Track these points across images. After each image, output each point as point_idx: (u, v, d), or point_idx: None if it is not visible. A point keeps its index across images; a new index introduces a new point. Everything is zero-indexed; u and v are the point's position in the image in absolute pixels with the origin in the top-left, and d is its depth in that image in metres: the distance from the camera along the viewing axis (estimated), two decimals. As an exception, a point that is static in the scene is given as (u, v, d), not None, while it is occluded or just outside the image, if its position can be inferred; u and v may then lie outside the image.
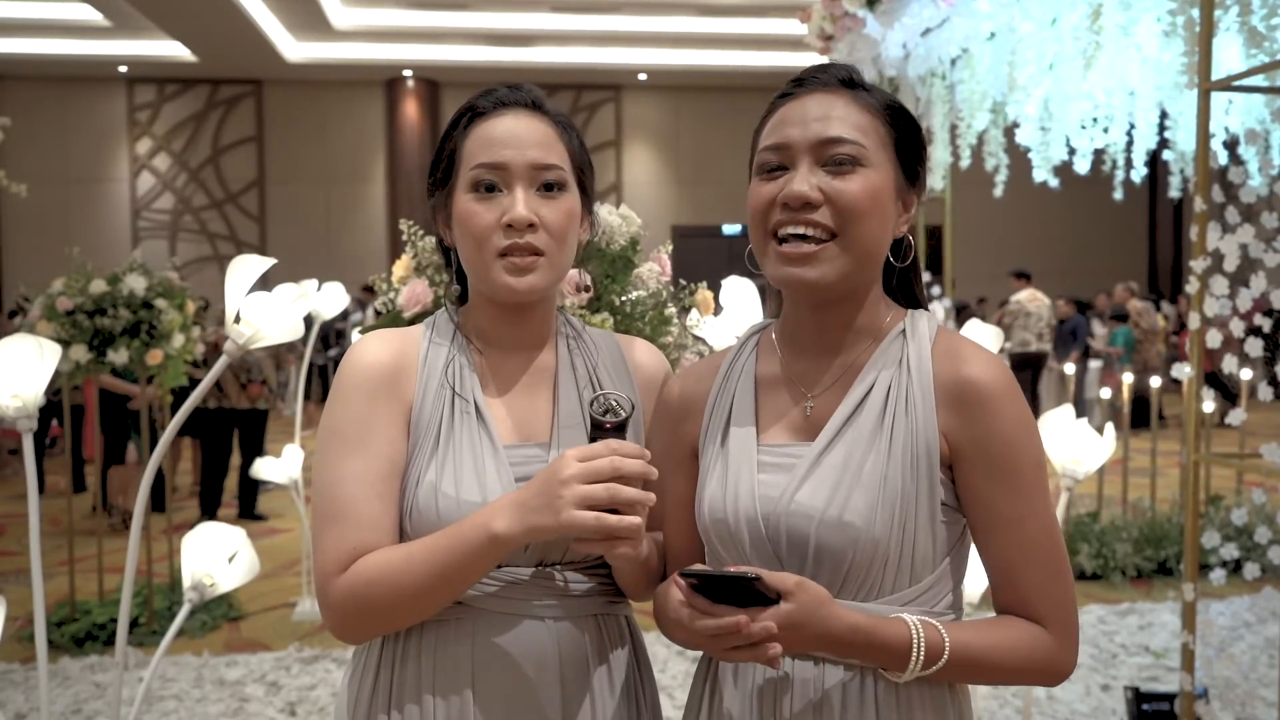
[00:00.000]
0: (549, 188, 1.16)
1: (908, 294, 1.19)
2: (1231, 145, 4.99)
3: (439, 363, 1.19)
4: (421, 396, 1.17)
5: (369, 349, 1.18)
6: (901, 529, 1.03)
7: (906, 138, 1.11)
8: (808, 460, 1.07)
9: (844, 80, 1.10)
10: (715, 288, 2.24)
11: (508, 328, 1.22)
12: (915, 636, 1.01)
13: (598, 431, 1.05)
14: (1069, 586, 1.08)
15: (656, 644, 4.17)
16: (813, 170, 1.06)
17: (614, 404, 1.05)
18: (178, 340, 4.45)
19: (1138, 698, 3.30)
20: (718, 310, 2.33)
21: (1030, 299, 9.52)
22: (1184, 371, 2.63)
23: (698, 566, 1.00)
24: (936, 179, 4.94)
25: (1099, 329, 10.73)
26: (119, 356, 4.27)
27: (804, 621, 0.97)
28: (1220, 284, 2.52)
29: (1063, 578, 1.07)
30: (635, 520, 1.02)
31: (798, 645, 0.99)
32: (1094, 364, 9.80)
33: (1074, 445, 2.49)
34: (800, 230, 1.05)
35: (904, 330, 1.11)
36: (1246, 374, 5.91)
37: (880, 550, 1.03)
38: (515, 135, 1.16)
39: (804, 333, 1.14)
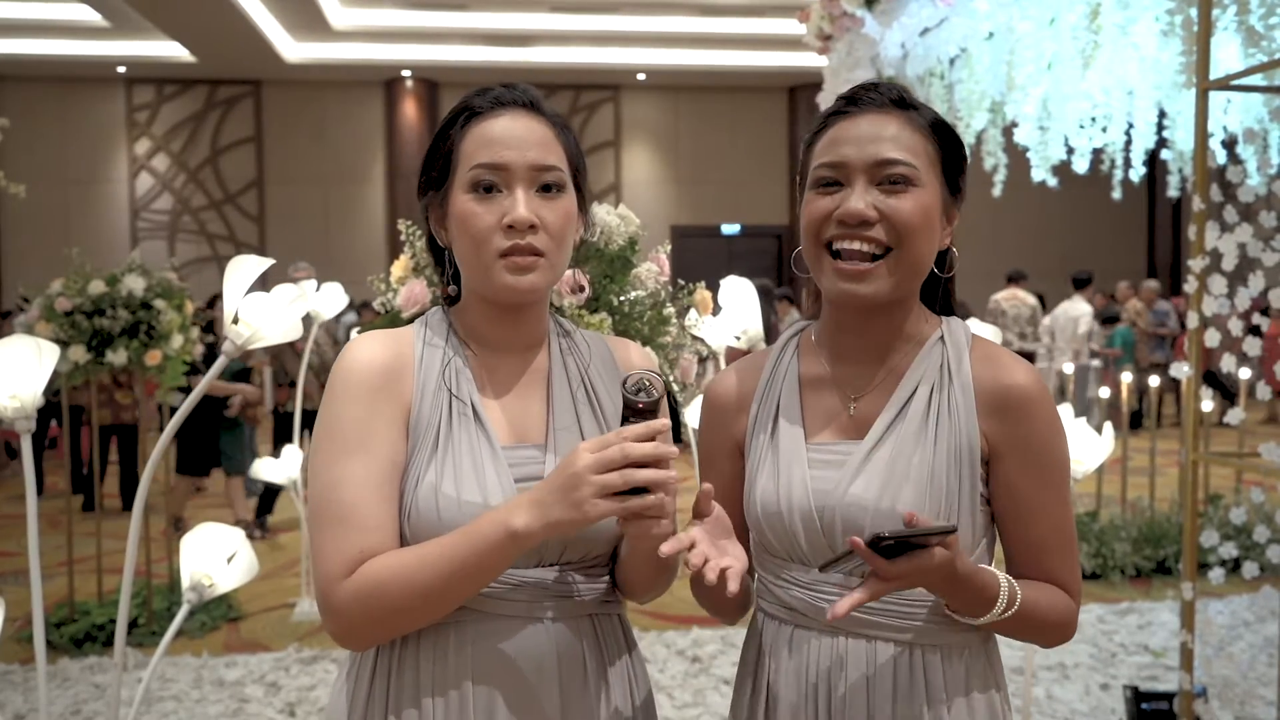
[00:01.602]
0: (548, 189, 1.16)
1: (943, 300, 1.27)
2: (1230, 144, 4.99)
3: (435, 364, 1.18)
4: (419, 397, 1.16)
5: (364, 350, 1.17)
6: (946, 518, 1.13)
7: (951, 155, 1.19)
8: (858, 456, 1.15)
9: (895, 100, 1.17)
10: (714, 288, 2.24)
11: (503, 328, 1.21)
12: (1002, 588, 1.11)
13: (629, 411, 1.05)
14: (1078, 558, 1.22)
15: (656, 643, 4.17)
16: (868, 189, 1.13)
17: (646, 384, 1.05)
18: (177, 341, 4.45)
19: (1137, 697, 3.30)
20: (716, 310, 2.33)
21: (1008, 299, 9.45)
22: (1183, 371, 2.63)
23: (890, 530, 1.03)
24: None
25: (1098, 330, 10.73)
26: (118, 357, 4.27)
27: (947, 566, 1.04)
28: (1219, 283, 2.52)
29: (1076, 553, 1.20)
30: (654, 499, 1.01)
31: (924, 583, 1.06)
32: (1093, 363, 9.81)
33: (1073, 444, 2.49)
34: (856, 245, 1.13)
35: (942, 337, 1.19)
36: (1245, 373, 5.91)
37: None
38: (515, 135, 1.16)
39: (847, 338, 1.21)
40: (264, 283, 2.01)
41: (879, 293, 1.13)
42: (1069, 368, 7.06)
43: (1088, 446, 2.49)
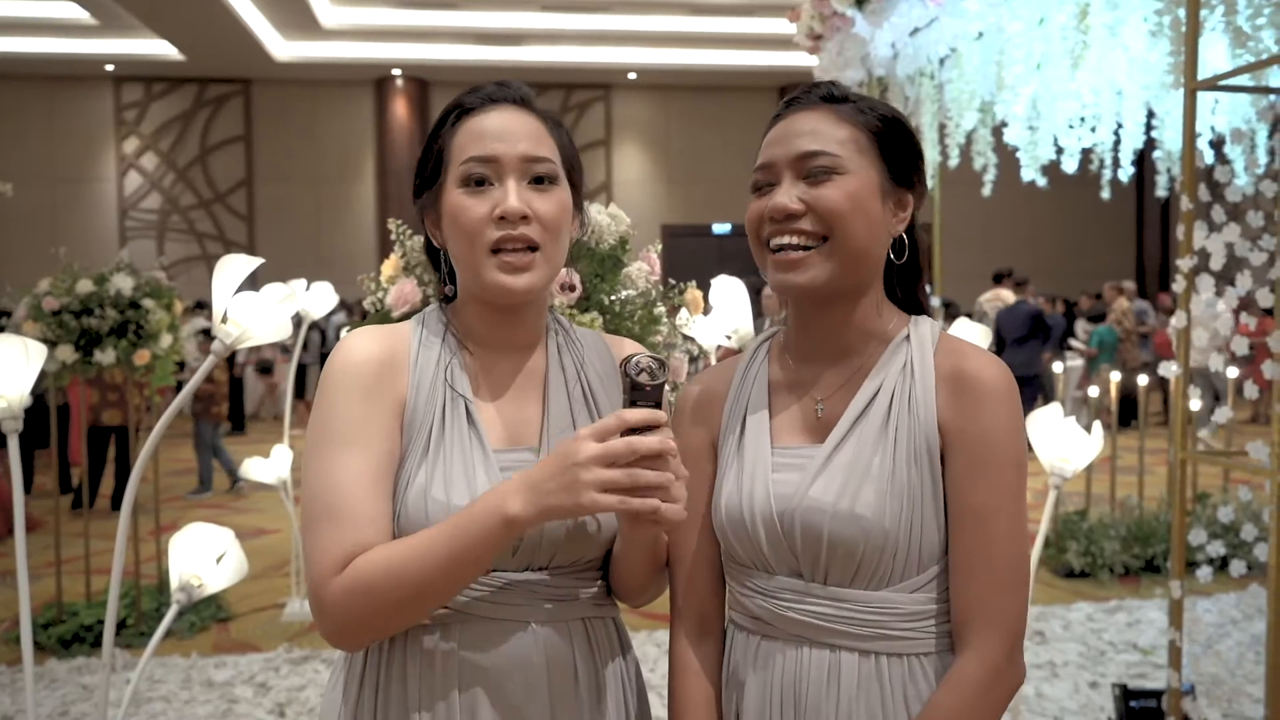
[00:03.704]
0: (540, 180, 1.14)
1: (910, 297, 1.23)
2: (1217, 144, 5.01)
3: (431, 362, 1.16)
4: (414, 395, 1.14)
5: (359, 344, 1.14)
6: (909, 520, 1.09)
7: (891, 141, 1.16)
8: (819, 459, 1.13)
9: (824, 96, 1.17)
10: (705, 287, 2.24)
11: (499, 328, 1.19)
12: None
13: (635, 394, 1.02)
14: (1021, 601, 1.09)
15: (647, 643, 4.17)
16: (794, 183, 1.14)
17: (649, 365, 1.02)
18: (165, 340, 4.43)
19: (1125, 695, 3.31)
20: (707, 309, 2.33)
21: (991, 299, 9.42)
22: (1171, 370, 2.65)
23: None
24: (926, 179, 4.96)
25: (1082, 329, 10.79)
26: (106, 357, 4.25)
27: None
28: (1207, 283, 2.53)
29: (1016, 590, 1.09)
30: (654, 503, 0.99)
31: None
32: (1073, 363, 9.84)
33: (1062, 443, 2.50)
34: (787, 239, 1.13)
35: (908, 335, 1.17)
36: (1233, 372, 5.94)
37: (890, 540, 1.09)
38: (505, 129, 1.14)
39: (810, 338, 1.20)
40: (254, 282, 2.00)
41: (815, 280, 1.12)
42: (1059, 367, 7.03)
43: (1076, 445, 2.50)
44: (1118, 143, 5.23)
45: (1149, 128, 5.18)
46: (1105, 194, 5.50)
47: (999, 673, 1.07)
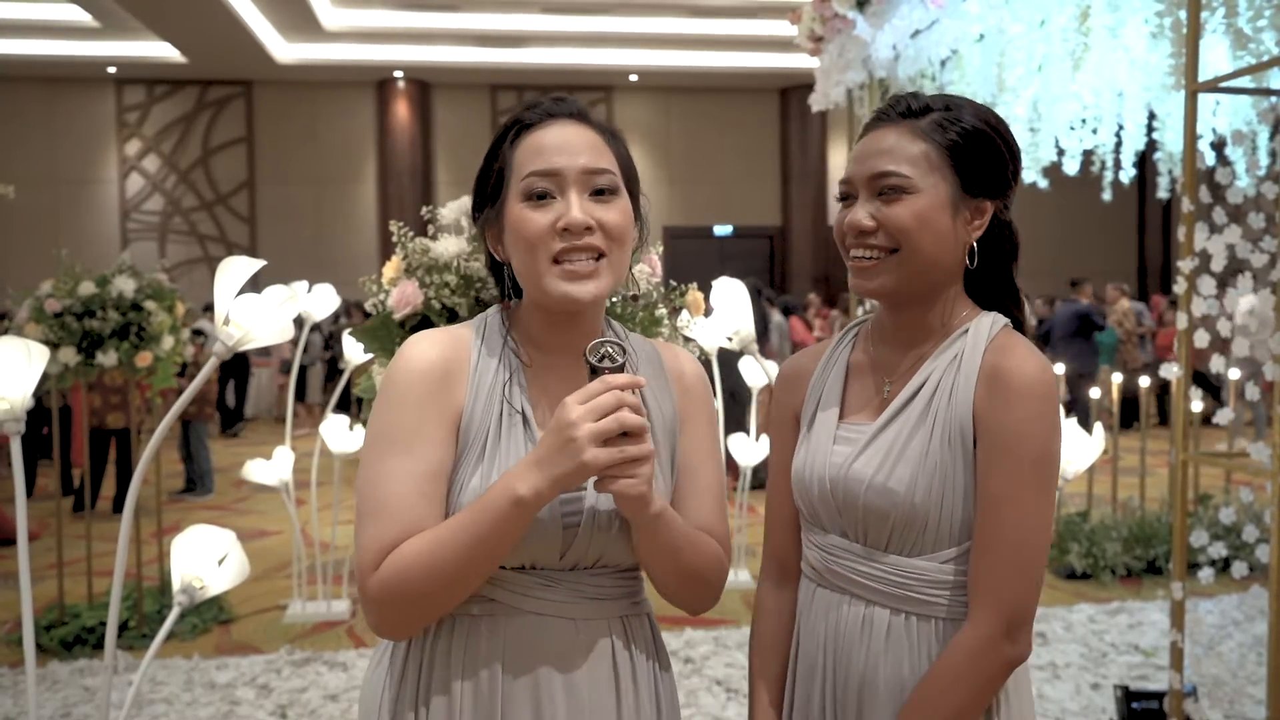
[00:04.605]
0: (601, 192, 1.17)
1: (985, 295, 1.30)
2: (1218, 146, 5.01)
3: (489, 371, 1.19)
4: (472, 404, 1.17)
5: (420, 351, 1.18)
6: (939, 498, 1.19)
7: (967, 152, 1.22)
8: (866, 436, 1.25)
9: (903, 112, 1.25)
10: (706, 288, 2.24)
11: (559, 334, 1.21)
12: None
13: (596, 377, 1.09)
14: (1026, 583, 1.15)
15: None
16: (869, 200, 1.23)
17: (609, 351, 1.09)
18: (167, 342, 4.43)
19: (1127, 696, 3.31)
20: (708, 311, 2.34)
21: None
22: (1173, 371, 2.65)
23: None
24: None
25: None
26: (108, 359, 4.25)
27: None
28: (1208, 284, 2.53)
29: (1021, 572, 1.15)
30: (649, 449, 1.06)
31: None
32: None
33: (1063, 444, 2.50)
34: (861, 252, 1.24)
35: (967, 330, 1.25)
36: (1234, 373, 5.93)
37: (919, 514, 1.19)
38: (566, 142, 1.17)
39: (886, 328, 1.32)
40: (255, 284, 2.01)
41: (884, 287, 1.23)
42: (1060, 368, 7.03)
43: (1078, 446, 2.50)
44: (1119, 144, 5.22)
45: (1150, 129, 5.18)
46: (1106, 195, 5.50)
47: (991, 643, 1.14)
